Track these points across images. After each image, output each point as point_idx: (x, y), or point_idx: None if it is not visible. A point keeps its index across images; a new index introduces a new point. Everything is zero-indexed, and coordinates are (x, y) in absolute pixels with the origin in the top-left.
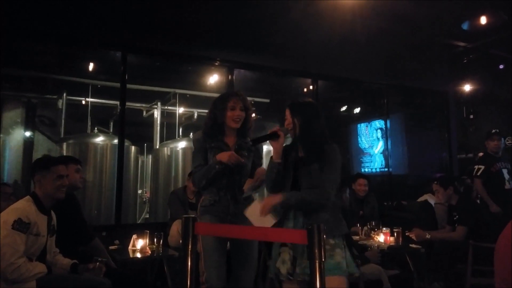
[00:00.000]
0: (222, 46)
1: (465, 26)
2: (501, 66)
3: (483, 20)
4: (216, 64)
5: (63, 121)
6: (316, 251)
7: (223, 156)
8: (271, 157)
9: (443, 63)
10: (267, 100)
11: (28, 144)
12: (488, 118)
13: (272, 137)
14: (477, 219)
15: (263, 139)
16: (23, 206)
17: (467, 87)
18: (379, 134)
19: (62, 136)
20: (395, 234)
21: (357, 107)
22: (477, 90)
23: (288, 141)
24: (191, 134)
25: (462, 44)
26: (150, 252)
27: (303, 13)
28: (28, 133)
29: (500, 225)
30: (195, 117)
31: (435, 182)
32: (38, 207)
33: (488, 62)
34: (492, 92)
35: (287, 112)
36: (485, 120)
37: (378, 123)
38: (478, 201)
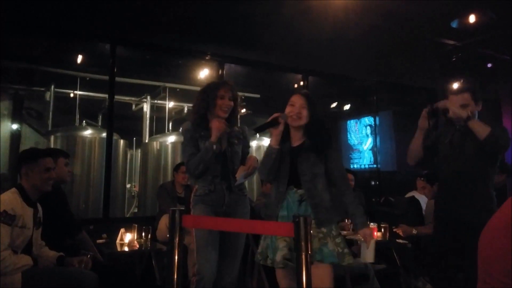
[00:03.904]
0: (213, 40)
1: (454, 24)
2: (489, 65)
3: (472, 18)
4: (207, 58)
5: (50, 113)
6: (303, 243)
7: (215, 124)
8: (269, 144)
9: (432, 61)
10: (258, 95)
11: (15, 137)
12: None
13: (273, 124)
14: None
15: (265, 126)
16: (9, 198)
17: (456, 85)
18: (368, 130)
19: (49, 129)
20: (382, 230)
21: (347, 104)
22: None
23: None
24: (181, 128)
25: (451, 42)
26: (138, 246)
27: (295, 9)
28: (15, 126)
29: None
30: (185, 111)
31: (421, 178)
32: (24, 199)
33: (477, 60)
34: (480, 91)
35: (300, 101)
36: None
37: (368, 120)
38: None
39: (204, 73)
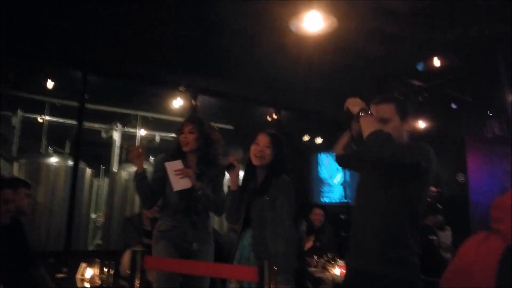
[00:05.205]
0: (186, 71)
1: (420, 66)
2: (454, 106)
3: (437, 62)
4: (180, 89)
5: (16, 139)
6: None
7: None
8: (229, 186)
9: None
10: (231, 127)
11: None
12: (441, 154)
13: (228, 168)
14: (429, 252)
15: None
16: None
17: (422, 125)
18: None
19: (14, 154)
20: None
21: (319, 137)
22: (431, 128)
23: None
24: (151, 158)
25: (417, 83)
26: (99, 282)
27: (269, 44)
28: None
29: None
30: (157, 140)
31: None
32: None
33: (442, 101)
34: (445, 130)
35: (265, 140)
36: (438, 156)
37: None
38: None
39: (177, 103)
